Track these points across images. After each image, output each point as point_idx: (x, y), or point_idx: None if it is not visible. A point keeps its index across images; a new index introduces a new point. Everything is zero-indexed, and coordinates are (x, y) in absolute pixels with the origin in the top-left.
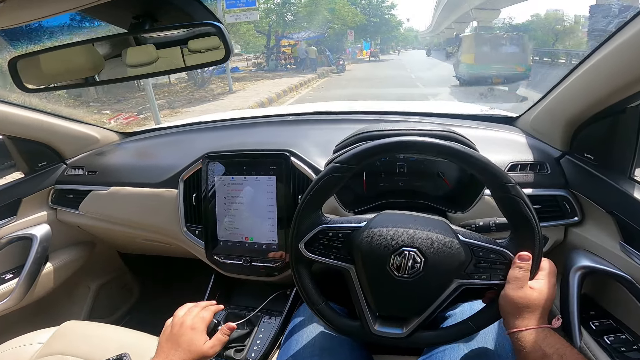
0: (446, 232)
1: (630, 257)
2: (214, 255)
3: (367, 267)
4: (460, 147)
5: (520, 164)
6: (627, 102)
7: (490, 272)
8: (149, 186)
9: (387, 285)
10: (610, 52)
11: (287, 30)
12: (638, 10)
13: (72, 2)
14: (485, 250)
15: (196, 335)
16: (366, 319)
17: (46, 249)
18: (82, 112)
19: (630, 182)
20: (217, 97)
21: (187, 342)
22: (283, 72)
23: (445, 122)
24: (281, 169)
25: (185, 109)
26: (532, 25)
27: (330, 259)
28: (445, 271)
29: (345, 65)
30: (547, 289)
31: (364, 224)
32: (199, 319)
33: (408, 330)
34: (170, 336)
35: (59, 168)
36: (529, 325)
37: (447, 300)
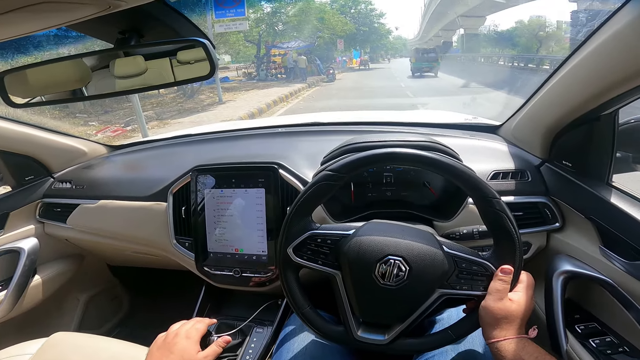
0: (431, 243)
1: (610, 261)
2: (205, 266)
3: (353, 274)
4: (450, 160)
5: (502, 172)
6: (601, 109)
7: (471, 283)
8: (138, 199)
9: (371, 292)
10: (580, 60)
11: (277, 40)
12: (602, 21)
13: (59, 18)
14: (468, 261)
15: (190, 344)
16: (350, 325)
17: (34, 261)
18: (67, 123)
19: (608, 188)
20: (206, 107)
21: (180, 350)
22: (273, 81)
23: (431, 132)
24: (270, 182)
25: (174, 120)
26: (516, 32)
27: (318, 265)
28: (428, 281)
29: (335, 74)
30: (525, 301)
31: (352, 231)
32: (194, 329)
33: (390, 337)
34: (162, 344)
35: (46, 182)
36: (507, 336)
37: (429, 308)
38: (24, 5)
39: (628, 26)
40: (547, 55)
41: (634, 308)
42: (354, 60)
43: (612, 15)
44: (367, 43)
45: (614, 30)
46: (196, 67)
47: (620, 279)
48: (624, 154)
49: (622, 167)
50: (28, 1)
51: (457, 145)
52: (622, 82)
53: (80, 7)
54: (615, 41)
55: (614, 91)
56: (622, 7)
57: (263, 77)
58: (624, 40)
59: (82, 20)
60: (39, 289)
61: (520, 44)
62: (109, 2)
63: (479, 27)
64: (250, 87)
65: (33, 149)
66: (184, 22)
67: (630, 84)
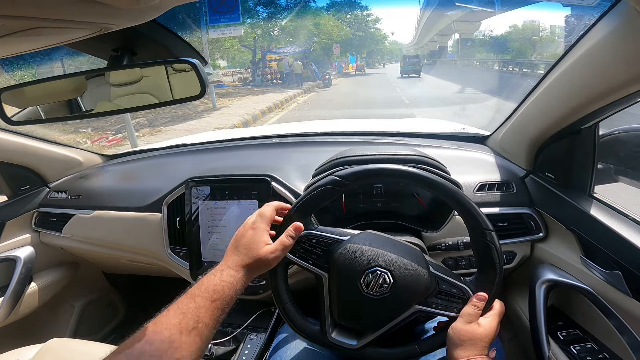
0: (419, 262)
1: (590, 271)
2: (199, 275)
3: (340, 278)
4: (457, 190)
5: (488, 183)
6: (581, 123)
7: (447, 304)
8: (133, 210)
9: (353, 299)
10: (560, 75)
11: (273, 45)
12: (579, 36)
13: (53, 40)
14: (449, 284)
15: (256, 235)
16: (325, 325)
17: (30, 269)
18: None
19: (589, 200)
20: (200, 114)
21: (245, 245)
22: (269, 87)
23: (421, 143)
24: (262, 193)
25: (167, 127)
26: (511, 36)
27: (308, 263)
28: (408, 296)
29: (331, 80)
30: (492, 327)
31: (347, 237)
32: (258, 216)
33: (361, 343)
34: (233, 241)
35: (42, 191)
36: (470, 356)
37: (402, 322)
38: (20, 30)
39: (601, 42)
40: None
41: (613, 316)
42: (350, 66)
43: (587, 31)
44: (364, 48)
45: (589, 46)
46: (192, 75)
47: (600, 288)
48: (606, 165)
49: (604, 177)
50: (23, 26)
51: (446, 157)
52: (598, 98)
53: (72, 30)
54: (590, 57)
55: (592, 106)
56: (595, 24)
57: (259, 82)
58: (598, 57)
59: (76, 40)
60: (35, 296)
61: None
62: (101, 25)
63: (474, 32)
64: (246, 93)
65: (29, 159)
66: (176, 40)
67: (606, 99)
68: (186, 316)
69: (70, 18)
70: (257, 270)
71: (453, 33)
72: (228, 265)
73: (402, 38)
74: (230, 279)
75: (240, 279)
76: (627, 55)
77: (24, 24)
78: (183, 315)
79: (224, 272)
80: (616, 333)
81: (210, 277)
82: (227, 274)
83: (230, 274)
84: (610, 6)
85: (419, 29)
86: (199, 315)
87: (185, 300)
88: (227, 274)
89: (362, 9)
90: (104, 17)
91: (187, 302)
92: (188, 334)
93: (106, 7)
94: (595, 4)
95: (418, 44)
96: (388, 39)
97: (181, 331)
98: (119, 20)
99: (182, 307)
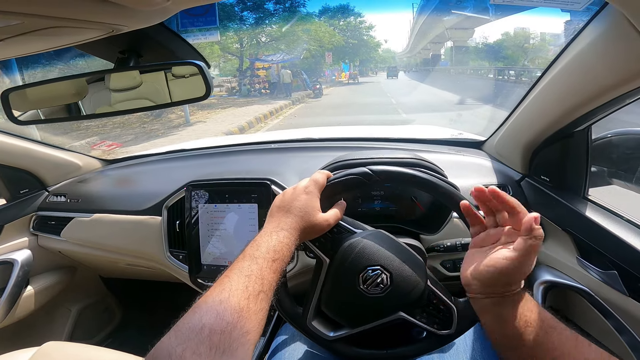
0: (420, 273)
1: (586, 271)
2: (198, 279)
3: (341, 267)
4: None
5: None
6: (574, 126)
7: (430, 318)
8: (133, 213)
9: (346, 290)
10: (552, 79)
11: (261, 52)
12: (569, 40)
13: (64, 40)
14: (440, 300)
15: (310, 200)
16: (308, 311)
17: (27, 273)
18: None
19: (584, 202)
20: (169, 131)
21: (299, 208)
22: (256, 97)
23: (419, 148)
24: (262, 197)
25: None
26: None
27: (314, 245)
28: (398, 302)
29: (322, 90)
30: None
31: (360, 231)
32: (312, 182)
33: (335, 336)
34: (281, 203)
35: (41, 195)
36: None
37: (381, 325)
38: (34, 30)
39: (590, 46)
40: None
41: (611, 316)
42: (342, 74)
43: (576, 36)
44: (357, 56)
45: (578, 50)
46: (191, 81)
47: (597, 288)
48: (600, 168)
49: (598, 181)
50: (40, 25)
51: (444, 161)
52: (589, 100)
53: (85, 30)
54: (580, 61)
55: (583, 109)
56: (584, 28)
57: (245, 92)
58: (587, 60)
59: (86, 41)
60: (31, 299)
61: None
62: (112, 26)
63: (468, 39)
64: (229, 104)
65: (28, 162)
66: (181, 43)
67: (596, 102)
68: (251, 279)
69: (85, 18)
70: (309, 234)
71: (447, 40)
72: (282, 227)
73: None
74: (286, 240)
75: (294, 241)
76: (614, 58)
77: (41, 23)
78: (248, 279)
79: (280, 233)
80: (615, 333)
81: (266, 238)
82: (282, 235)
83: (285, 236)
84: (598, 10)
85: (412, 37)
86: (264, 276)
87: (247, 262)
88: (283, 235)
89: (355, 16)
90: (117, 18)
91: (250, 264)
92: (255, 298)
93: (120, 8)
94: (584, 9)
95: (411, 52)
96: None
97: (249, 297)
98: (130, 21)
99: (245, 270)
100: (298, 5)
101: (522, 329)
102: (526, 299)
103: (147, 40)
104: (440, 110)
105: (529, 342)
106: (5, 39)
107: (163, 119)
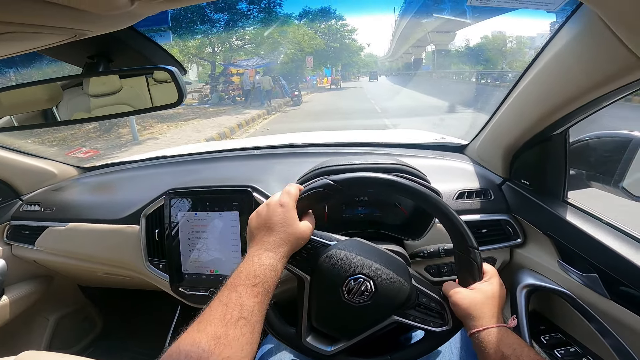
0: (402, 273)
1: (568, 274)
2: (179, 287)
3: (323, 282)
4: (446, 206)
5: (467, 191)
6: (551, 129)
7: (425, 317)
8: (109, 222)
9: (333, 304)
10: (529, 83)
11: (234, 57)
12: (545, 42)
13: (25, 45)
14: (429, 297)
15: (288, 212)
16: (301, 329)
17: (1, 282)
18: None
19: (563, 205)
20: (111, 150)
21: (280, 223)
22: (228, 106)
23: (402, 153)
24: (244, 204)
25: None
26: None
27: (291, 265)
28: (388, 306)
29: (301, 97)
30: (496, 283)
31: (334, 242)
32: (285, 194)
33: (335, 350)
34: (258, 222)
35: (14, 204)
36: (485, 325)
37: (378, 331)
38: None
39: (565, 48)
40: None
41: (593, 319)
42: (324, 79)
43: (552, 38)
44: (339, 60)
45: (554, 53)
46: (172, 86)
47: (578, 291)
48: (579, 171)
49: (577, 183)
50: None
51: (426, 166)
52: (565, 104)
53: (46, 36)
54: (556, 64)
55: (559, 112)
56: (559, 30)
57: (216, 100)
58: (562, 63)
59: (51, 46)
60: (7, 309)
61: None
62: (75, 31)
63: (449, 43)
64: (196, 115)
65: (1, 171)
66: (154, 47)
67: (573, 105)
68: (229, 307)
69: (44, 23)
70: (296, 246)
71: (428, 44)
72: (265, 248)
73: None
74: (269, 260)
75: (280, 259)
76: (589, 59)
77: None
78: (226, 307)
79: (261, 255)
80: (598, 336)
81: (247, 264)
82: (265, 256)
83: (269, 256)
84: (573, 11)
85: (394, 41)
86: (243, 303)
87: (226, 291)
88: (265, 257)
89: (336, 19)
90: (79, 23)
91: (229, 293)
92: (234, 325)
93: (81, 13)
94: (559, 9)
95: (393, 56)
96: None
97: (227, 324)
98: (94, 26)
99: (224, 299)
100: (274, 6)
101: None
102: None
103: (117, 44)
104: (423, 114)
105: None
106: None
107: (112, 135)
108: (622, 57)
